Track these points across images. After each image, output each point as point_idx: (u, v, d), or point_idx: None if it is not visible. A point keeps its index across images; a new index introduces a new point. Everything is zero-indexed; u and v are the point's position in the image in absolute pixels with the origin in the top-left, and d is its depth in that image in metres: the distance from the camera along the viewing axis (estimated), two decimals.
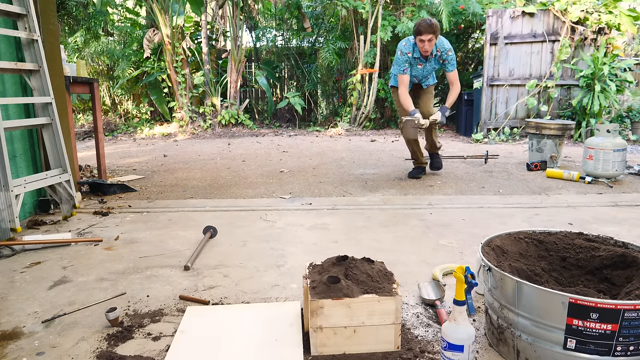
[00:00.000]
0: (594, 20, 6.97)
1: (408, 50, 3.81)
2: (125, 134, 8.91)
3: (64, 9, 7.18)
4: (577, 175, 4.05)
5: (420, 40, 3.66)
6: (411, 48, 3.81)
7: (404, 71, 3.82)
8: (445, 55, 3.83)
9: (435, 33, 3.61)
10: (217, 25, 9.76)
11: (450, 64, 3.87)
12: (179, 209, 3.24)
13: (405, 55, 3.81)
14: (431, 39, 3.63)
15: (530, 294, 1.26)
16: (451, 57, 3.84)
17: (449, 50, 3.81)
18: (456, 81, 3.94)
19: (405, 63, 3.82)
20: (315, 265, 1.61)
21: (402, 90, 3.85)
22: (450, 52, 3.82)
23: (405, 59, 3.82)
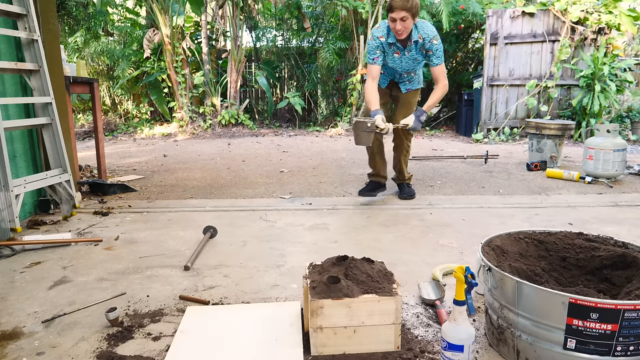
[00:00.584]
0: (594, 20, 6.97)
1: (380, 34, 3.04)
2: (125, 134, 8.91)
3: (64, 9, 7.18)
4: (577, 175, 4.05)
5: (392, 18, 2.87)
6: (385, 31, 3.03)
7: (374, 60, 3.07)
8: (429, 44, 3.00)
9: (412, 11, 2.84)
10: (217, 25, 9.76)
11: (435, 55, 3.04)
12: (179, 209, 3.24)
13: (377, 39, 3.05)
14: (405, 18, 2.83)
15: (530, 294, 1.26)
16: (437, 47, 3.02)
17: (434, 38, 3.00)
18: (442, 78, 3.10)
19: (377, 50, 3.06)
20: (315, 265, 1.61)
21: (368, 83, 3.10)
22: (435, 41, 3.00)
23: (377, 44, 3.05)
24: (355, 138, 2.88)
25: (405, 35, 2.94)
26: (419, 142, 7.31)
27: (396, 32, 2.90)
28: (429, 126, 9.20)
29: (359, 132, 2.83)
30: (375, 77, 3.08)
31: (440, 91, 3.09)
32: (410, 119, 3.07)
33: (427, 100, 3.12)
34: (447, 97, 10.09)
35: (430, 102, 3.10)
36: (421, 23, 2.99)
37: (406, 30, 2.90)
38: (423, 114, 3.11)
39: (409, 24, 2.88)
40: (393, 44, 3.04)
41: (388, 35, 3.03)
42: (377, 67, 3.07)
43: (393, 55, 3.09)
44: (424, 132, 8.54)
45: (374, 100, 3.02)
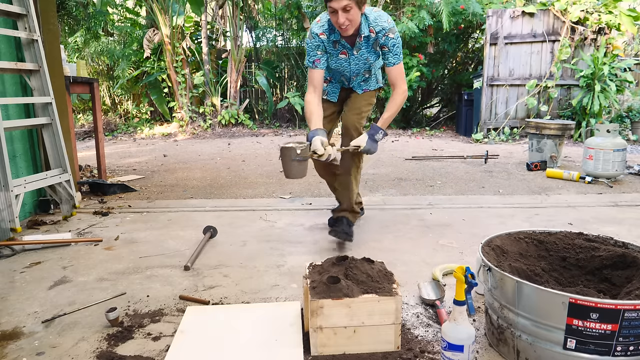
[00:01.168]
0: (594, 20, 6.97)
1: (320, 30, 2.33)
2: (125, 134, 8.91)
3: (64, 9, 7.18)
4: (577, 175, 4.05)
5: (332, 9, 2.14)
6: (326, 26, 2.33)
7: (314, 63, 2.36)
8: (384, 38, 2.29)
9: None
10: (217, 25, 9.76)
11: (391, 52, 2.32)
12: (179, 209, 3.24)
13: (316, 37, 2.34)
14: (349, 7, 2.11)
15: (530, 294, 1.26)
16: (394, 42, 2.29)
17: (390, 30, 2.27)
18: (401, 81, 2.37)
19: (317, 50, 2.35)
20: (315, 265, 1.61)
21: (308, 95, 2.38)
22: (391, 35, 2.28)
23: (317, 43, 2.35)
24: (284, 170, 2.10)
25: (353, 30, 2.23)
26: (419, 142, 7.31)
27: (339, 27, 2.18)
28: (429, 126, 9.20)
29: (287, 162, 2.06)
30: (318, 86, 2.38)
31: (399, 99, 2.38)
32: (362, 139, 2.31)
33: (384, 112, 2.40)
34: (447, 97, 10.11)
35: (388, 114, 2.37)
36: (373, 13, 2.29)
37: (352, 23, 2.18)
38: (379, 132, 2.33)
39: (355, 15, 2.16)
40: (338, 42, 2.35)
41: (330, 32, 2.33)
42: (319, 72, 2.38)
43: (338, 56, 2.40)
44: (424, 132, 8.54)
45: (315, 117, 2.32)
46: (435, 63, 9.27)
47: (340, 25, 2.16)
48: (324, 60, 2.39)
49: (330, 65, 2.45)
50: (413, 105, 9.77)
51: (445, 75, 9.92)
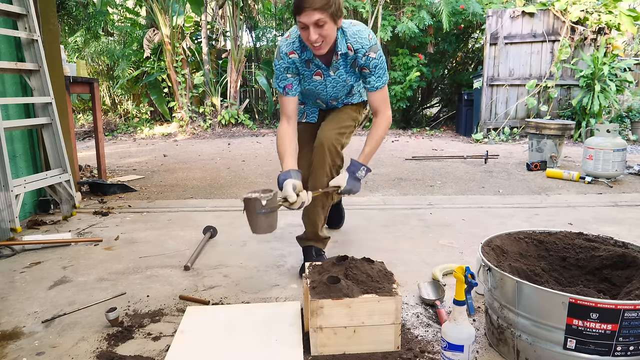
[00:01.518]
0: (594, 20, 6.97)
1: (290, 49, 1.98)
2: (125, 134, 8.91)
3: (64, 9, 7.18)
4: (577, 175, 4.05)
5: (302, 25, 1.79)
6: (297, 43, 1.97)
7: (285, 89, 2.02)
8: (364, 58, 1.94)
9: (330, 9, 1.74)
10: (217, 25, 9.76)
11: (374, 75, 1.97)
12: (179, 209, 3.24)
13: (285, 57, 1.98)
14: (322, 22, 1.75)
15: (530, 294, 1.26)
16: (376, 62, 1.94)
17: (371, 49, 1.93)
18: (384, 107, 2.04)
19: (286, 73, 2.00)
20: (315, 265, 1.61)
21: (281, 127, 2.02)
22: (373, 54, 1.93)
23: (286, 65, 1.99)
24: (250, 225, 1.71)
25: (328, 48, 1.86)
26: (419, 142, 7.31)
27: (311, 45, 1.83)
28: (429, 126, 9.20)
29: (252, 216, 1.68)
30: (292, 115, 2.03)
31: (382, 128, 2.04)
32: (342, 178, 1.95)
33: (365, 145, 2.02)
34: (447, 97, 10.11)
35: (370, 147, 2.02)
36: (351, 27, 1.94)
37: (327, 40, 1.82)
38: (360, 168, 1.97)
39: (330, 31, 1.80)
40: (311, 61, 1.99)
41: (302, 49, 1.97)
42: (291, 100, 2.02)
43: (312, 77, 2.04)
44: (424, 132, 8.54)
45: (288, 155, 1.95)
46: (435, 63, 9.28)
47: (312, 43, 1.80)
48: (296, 84, 2.03)
49: (303, 87, 2.10)
50: (413, 105, 9.77)
51: (445, 75, 9.92)
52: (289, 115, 2.03)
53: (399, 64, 8.56)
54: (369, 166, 2.01)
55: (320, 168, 2.03)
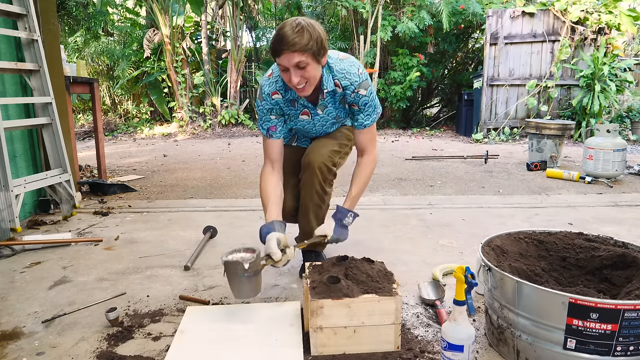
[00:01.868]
0: (594, 20, 6.98)
1: (272, 89, 1.82)
2: (125, 134, 8.91)
3: (64, 9, 7.19)
4: (577, 175, 4.05)
5: (282, 68, 1.64)
6: (280, 83, 1.81)
7: (269, 132, 1.87)
8: (353, 95, 1.79)
9: (312, 50, 1.58)
10: (217, 25, 9.76)
11: (363, 112, 1.82)
12: (179, 209, 3.24)
13: (268, 98, 1.83)
14: (302, 64, 1.60)
15: (530, 294, 1.26)
16: (366, 100, 1.80)
17: (361, 85, 1.77)
18: (371, 147, 1.90)
19: (270, 114, 1.86)
20: (315, 265, 1.61)
21: (265, 173, 1.90)
22: (363, 91, 1.77)
23: (269, 106, 1.84)
24: (231, 289, 1.59)
25: (312, 89, 1.71)
26: (419, 142, 7.32)
27: (294, 87, 1.67)
28: (429, 126, 9.20)
29: (234, 280, 1.56)
30: (276, 159, 1.89)
31: (369, 169, 1.90)
32: (328, 227, 1.81)
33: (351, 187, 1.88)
34: (447, 97, 10.11)
35: (357, 191, 1.87)
36: (339, 62, 1.77)
37: (310, 81, 1.67)
38: (347, 215, 1.83)
39: (313, 71, 1.64)
40: (296, 101, 1.84)
41: (286, 89, 1.81)
42: (276, 143, 1.88)
43: (299, 117, 1.89)
44: (424, 132, 8.54)
45: (271, 204, 1.82)
46: (435, 63, 9.28)
47: (295, 85, 1.65)
48: (281, 125, 1.87)
49: (291, 126, 1.96)
50: (413, 105, 9.78)
51: (445, 75, 9.93)
52: (273, 159, 1.88)
53: (399, 64, 8.56)
54: (355, 211, 1.86)
55: (310, 187, 1.87)
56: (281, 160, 1.91)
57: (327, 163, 1.85)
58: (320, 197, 1.91)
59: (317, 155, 1.85)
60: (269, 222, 1.74)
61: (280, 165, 1.90)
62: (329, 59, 1.77)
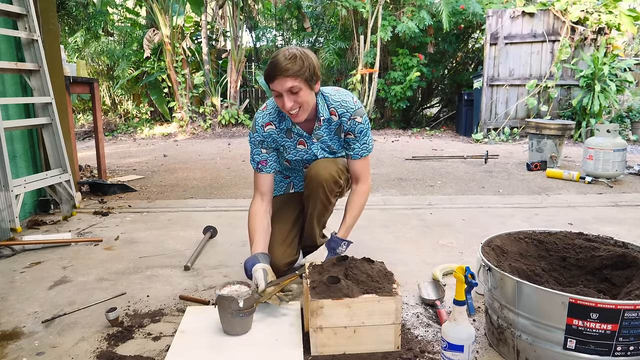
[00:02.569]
0: (594, 20, 6.98)
1: (266, 120, 1.85)
2: (125, 134, 8.91)
3: (64, 9, 7.19)
4: (577, 175, 4.05)
5: (275, 93, 1.69)
6: (274, 113, 1.85)
7: (259, 166, 1.89)
8: (349, 122, 1.82)
9: (304, 75, 1.64)
10: (217, 25, 9.76)
11: (359, 141, 1.85)
12: (179, 209, 3.24)
13: (260, 131, 1.86)
14: (295, 89, 1.64)
15: (530, 294, 1.26)
16: (361, 127, 1.84)
17: (357, 113, 1.82)
18: (365, 175, 1.92)
19: (260, 148, 1.88)
20: (315, 265, 1.61)
21: (254, 205, 1.89)
22: (359, 118, 1.82)
23: (260, 138, 1.87)
24: (222, 325, 1.54)
25: (306, 116, 1.75)
26: (419, 142, 7.32)
27: (288, 113, 1.71)
28: (429, 126, 9.20)
29: (227, 317, 1.50)
30: (266, 192, 1.90)
31: (363, 199, 1.92)
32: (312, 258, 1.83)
33: (345, 216, 1.91)
34: (447, 97, 10.12)
35: (351, 220, 1.90)
36: (335, 93, 1.84)
37: (304, 107, 1.70)
38: (341, 244, 1.85)
39: (306, 97, 1.68)
40: (291, 131, 1.86)
41: (280, 120, 1.85)
42: (266, 178, 1.89)
43: (296, 147, 1.89)
44: (424, 132, 8.54)
45: (258, 236, 1.80)
46: (435, 63, 9.28)
47: (288, 110, 1.69)
48: (272, 160, 1.89)
49: (289, 158, 1.93)
50: (413, 105, 9.78)
51: (445, 75, 9.93)
52: (262, 192, 1.90)
53: (399, 64, 8.56)
54: (349, 239, 1.87)
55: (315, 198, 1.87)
56: (271, 193, 1.93)
57: (334, 175, 1.85)
58: (325, 206, 1.92)
59: (323, 169, 1.84)
60: (253, 254, 1.75)
61: (270, 197, 1.92)
62: (325, 90, 1.84)
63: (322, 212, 1.94)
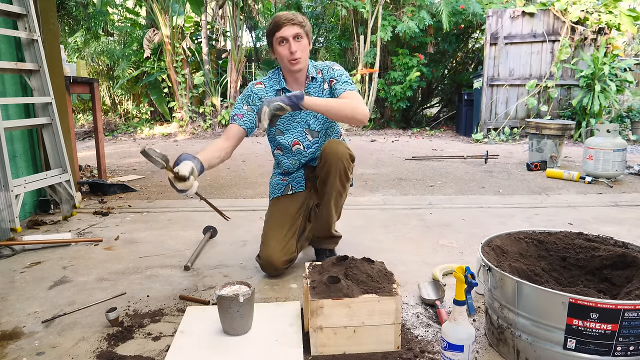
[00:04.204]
0: (594, 20, 6.98)
1: (257, 81, 2.06)
2: (125, 134, 8.91)
3: (64, 9, 7.19)
4: (577, 175, 4.05)
5: (282, 39, 1.90)
6: (265, 77, 2.07)
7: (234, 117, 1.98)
8: (329, 71, 2.03)
9: (305, 28, 1.93)
10: (217, 25, 9.76)
11: (340, 81, 2.00)
12: (179, 209, 3.24)
13: (250, 89, 2.02)
14: (300, 36, 1.90)
15: (530, 294, 1.26)
16: (340, 72, 2.02)
17: (333, 64, 2.07)
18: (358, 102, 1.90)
19: (243, 104, 2.01)
20: (315, 265, 1.61)
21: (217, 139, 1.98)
22: (336, 66, 2.05)
23: (247, 93, 2.02)
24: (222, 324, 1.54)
25: (304, 65, 1.96)
26: (419, 142, 7.32)
27: (290, 59, 1.90)
28: (429, 126, 9.20)
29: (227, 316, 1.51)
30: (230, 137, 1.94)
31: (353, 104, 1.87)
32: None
33: None
34: (447, 97, 10.12)
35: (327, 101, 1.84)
36: (318, 62, 2.10)
37: (303, 57, 1.93)
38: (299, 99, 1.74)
39: (306, 48, 1.94)
40: (283, 91, 2.01)
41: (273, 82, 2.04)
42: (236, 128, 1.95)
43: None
44: (424, 132, 8.54)
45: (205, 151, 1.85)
46: (435, 63, 9.28)
47: (293, 54, 1.88)
48: (248, 118, 1.96)
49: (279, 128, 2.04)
50: (413, 105, 9.78)
51: (445, 75, 9.93)
52: (229, 135, 1.94)
53: (399, 64, 8.56)
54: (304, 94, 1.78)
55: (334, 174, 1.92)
56: (236, 141, 1.96)
57: (348, 151, 1.95)
58: (343, 185, 1.98)
59: (337, 144, 1.94)
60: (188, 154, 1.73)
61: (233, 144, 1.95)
62: (311, 61, 2.05)
63: (340, 191, 2.00)
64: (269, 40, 1.97)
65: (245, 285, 1.57)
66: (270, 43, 1.97)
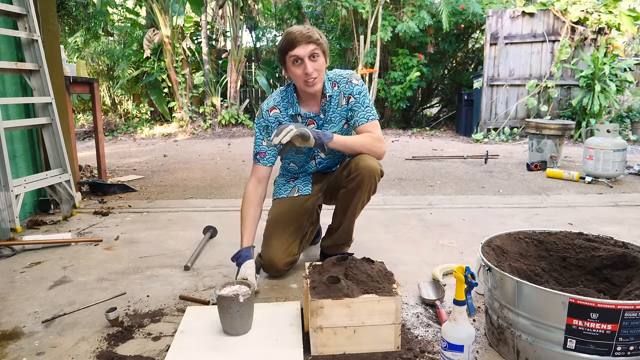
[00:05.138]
0: (594, 20, 6.97)
1: (272, 104, 1.93)
2: (125, 134, 8.91)
3: (64, 9, 7.19)
4: (577, 175, 4.05)
5: (296, 59, 1.76)
6: (278, 99, 1.93)
7: (257, 156, 1.94)
8: (347, 86, 1.90)
9: (323, 46, 1.79)
10: (217, 25, 9.76)
11: (362, 105, 1.91)
12: (179, 209, 3.24)
13: (266, 115, 1.92)
14: (316, 55, 1.76)
15: (530, 294, 1.26)
16: (359, 89, 1.90)
17: (353, 76, 1.92)
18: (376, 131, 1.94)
19: (263, 134, 1.94)
20: (315, 265, 1.61)
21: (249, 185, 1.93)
22: (355, 80, 1.90)
23: (264, 123, 1.92)
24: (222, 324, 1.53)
25: (320, 85, 1.83)
26: (419, 142, 7.32)
27: (306, 80, 1.77)
28: (429, 126, 9.20)
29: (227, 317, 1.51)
30: (262, 179, 1.93)
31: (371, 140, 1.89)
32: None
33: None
34: (447, 97, 10.12)
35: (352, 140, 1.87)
36: (331, 71, 1.94)
37: (320, 76, 1.80)
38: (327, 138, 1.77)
39: (322, 66, 1.79)
40: (297, 115, 1.91)
41: (286, 107, 1.91)
42: (263, 170, 1.93)
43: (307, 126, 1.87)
44: (424, 132, 8.54)
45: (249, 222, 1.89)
46: (435, 63, 9.28)
47: (309, 75, 1.75)
48: (271, 154, 1.92)
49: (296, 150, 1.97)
50: (413, 105, 9.77)
51: (445, 75, 9.92)
52: (259, 178, 1.93)
53: (399, 64, 8.56)
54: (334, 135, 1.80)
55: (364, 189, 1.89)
56: (267, 180, 1.97)
57: (381, 168, 1.95)
58: (368, 197, 1.98)
59: (370, 159, 1.87)
60: (244, 246, 1.84)
61: (265, 184, 1.96)
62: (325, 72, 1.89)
63: (364, 202, 1.98)
64: (281, 58, 1.80)
65: (245, 285, 1.57)
66: (282, 61, 1.80)
